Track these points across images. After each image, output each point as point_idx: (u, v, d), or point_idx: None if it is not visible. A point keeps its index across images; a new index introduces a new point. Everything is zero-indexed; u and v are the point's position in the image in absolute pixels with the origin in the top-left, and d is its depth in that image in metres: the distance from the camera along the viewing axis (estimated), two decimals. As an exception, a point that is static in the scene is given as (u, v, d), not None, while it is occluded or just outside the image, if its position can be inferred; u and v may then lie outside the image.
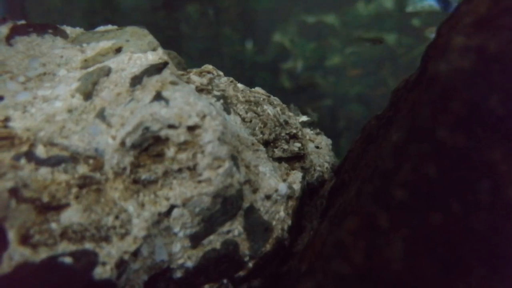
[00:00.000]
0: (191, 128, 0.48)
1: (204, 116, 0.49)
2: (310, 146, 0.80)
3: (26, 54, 0.58)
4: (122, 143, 0.46)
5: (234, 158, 0.51)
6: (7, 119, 0.49)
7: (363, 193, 0.35)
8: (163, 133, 0.47)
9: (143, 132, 0.47)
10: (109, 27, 0.66)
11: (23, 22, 0.64)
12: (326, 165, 0.78)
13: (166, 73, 0.53)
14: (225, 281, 0.50)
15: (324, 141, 0.86)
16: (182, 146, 0.48)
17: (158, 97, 0.49)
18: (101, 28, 0.66)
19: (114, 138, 0.46)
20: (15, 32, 0.61)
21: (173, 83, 0.52)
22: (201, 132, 0.49)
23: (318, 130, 0.91)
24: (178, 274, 0.48)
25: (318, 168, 0.75)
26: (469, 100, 0.35)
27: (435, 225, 0.30)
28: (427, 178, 0.31)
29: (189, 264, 0.48)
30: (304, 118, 0.88)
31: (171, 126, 0.48)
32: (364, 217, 0.32)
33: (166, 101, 0.48)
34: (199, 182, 0.48)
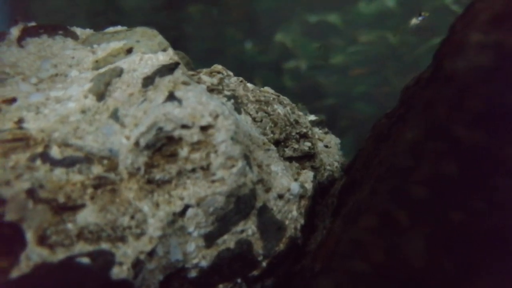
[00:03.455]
0: (204, 128, 0.48)
1: (217, 116, 0.49)
2: (319, 145, 0.79)
3: (37, 56, 0.58)
4: (136, 143, 0.46)
5: (246, 158, 0.51)
6: (20, 121, 0.49)
7: (380, 191, 0.35)
8: (176, 133, 0.47)
9: (156, 132, 0.47)
10: (119, 28, 0.66)
11: (33, 23, 0.64)
12: (336, 164, 0.78)
13: (178, 73, 0.53)
14: (239, 280, 0.50)
15: (333, 140, 0.85)
16: (196, 146, 0.48)
17: (171, 97, 0.49)
18: (111, 29, 0.66)
19: (128, 138, 0.46)
20: (26, 33, 0.61)
21: (185, 83, 0.52)
22: (214, 132, 0.49)
23: (326, 129, 0.91)
24: (193, 273, 0.48)
25: (328, 167, 0.75)
26: (488, 97, 0.35)
27: (455, 223, 0.30)
28: (447, 176, 0.31)
29: (204, 263, 0.48)
30: (312, 117, 0.88)
31: (184, 126, 0.48)
32: (382, 215, 0.32)
33: (179, 101, 0.48)
34: (213, 181, 0.48)
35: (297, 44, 1.06)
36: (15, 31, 0.62)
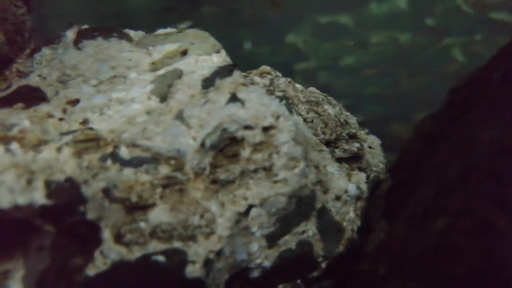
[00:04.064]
0: (266, 129, 0.49)
1: (278, 117, 0.49)
2: (364, 146, 0.79)
3: (95, 58, 0.59)
4: (203, 144, 0.47)
5: (305, 159, 0.51)
6: (85, 121, 0.50)
7: (462, 192, 0.35)
8: (239, 134, 0.48)
9: (221, 133, 0.47)
10: (169, 30, 0.67)
11: (86, 26, 0.66)
12: (381, 165, 0.77)
13: (237, 75, 0.53)
14: (298, 281, 0.51)
15: (375, 141, 0.85)
16: (257, 147, 0.48)
17: (234, 98, 0.49)
18: (162, 31, 0.66)
19: (195, 139, 0.47)
20: (81, 36, 0.63)
21: (244, 84, 0.52)
22: (275, 133, 0.49)
23: (367, 130, 0.90)
24: (255, 273, 0.48)
25: (374, 168, 0.75)
26: None
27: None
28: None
29: (267, 264, 0.48)
30: (353, 118, 0.87)
31: (247, 127, 0.48)
32: (475, 217, 0.32)
33: (242, 102, 0.49)
34: (275, 182, 0.48)
35: (308, 45, 1.06)
36: (70, 34, 0.63)
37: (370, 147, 0.83)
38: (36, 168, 0.40)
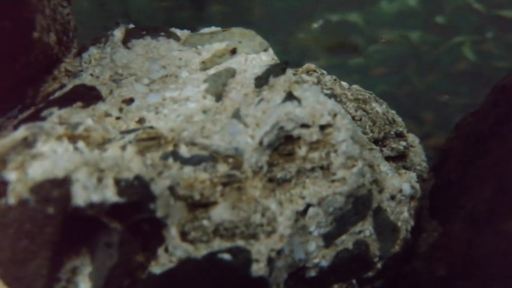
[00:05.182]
0: (322, 127, 0.48)
1: (335, 115, 0.49)
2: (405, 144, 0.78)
3: (145, 57, 0.60)
4: (261, 143, 0.47)
5: (362, 158, 0.51)
6: (141, 120, 0.51)
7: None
8: (295, 132, 0.48)
9: (278, 132, 0.47)
10: (213, 28, 0.67)
11: (132, 25, 0.66)
12: (424, 164, 0.76)
13: (290, 73, 0.53)
14: (354, 281, 0.50)
15: (415, 139, 0.84)
16: (314, 145, 0.48)
17: (290, 96, 0.49)
18: (206, 30, 0.66)
19: (252, 137, 0.47)
20: (130, 35, 0.63)
21: (297, 82, 0.52)
22: (332, 131, 0.48)
23: (406, 128, 0.89)
24: (312, 273, 0.48)
25: (417, 167, 0.74)
26: None
27: None
28: None
29: (324, 263, 0.48)
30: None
31: (304, 125, 0.48)
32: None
33: (299, 100, 0.49)
34: (333, 181, 0.48)
35: (318, 43, 1.06)
36: (117, 33, 0.63)
37: (411, 145, 0.82)
38: (104, 166, 0.40)
